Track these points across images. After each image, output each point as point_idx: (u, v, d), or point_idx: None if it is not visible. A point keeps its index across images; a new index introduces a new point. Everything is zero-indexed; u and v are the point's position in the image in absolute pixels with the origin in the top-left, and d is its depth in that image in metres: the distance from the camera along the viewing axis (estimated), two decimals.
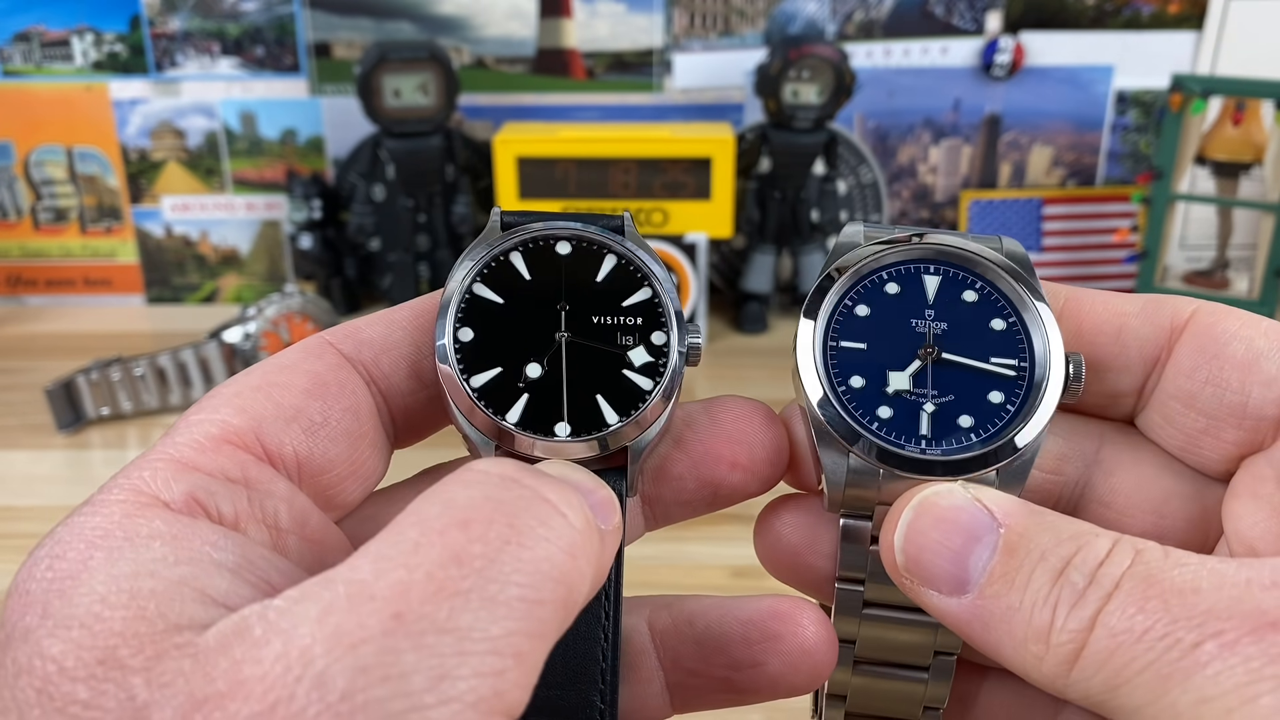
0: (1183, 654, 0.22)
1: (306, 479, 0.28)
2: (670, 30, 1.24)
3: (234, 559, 0.23)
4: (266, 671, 0.20)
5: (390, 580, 0.21)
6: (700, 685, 0.31)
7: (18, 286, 1.33)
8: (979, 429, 0.30)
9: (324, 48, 1.25)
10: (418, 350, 0.30)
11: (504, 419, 0.29)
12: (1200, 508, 0.30)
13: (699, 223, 1.16)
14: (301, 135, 1.27)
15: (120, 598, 0.21)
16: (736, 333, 1.23)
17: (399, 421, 0.31)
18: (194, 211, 1.31)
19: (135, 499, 0.24)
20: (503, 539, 0.22)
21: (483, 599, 0.21)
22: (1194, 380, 0.29)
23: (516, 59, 1.26)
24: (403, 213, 1.20)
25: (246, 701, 0.19)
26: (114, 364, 1.01)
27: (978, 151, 1.29)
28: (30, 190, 1.30)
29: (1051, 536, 0.25)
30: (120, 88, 1.26)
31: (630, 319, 0.31)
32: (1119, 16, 1.23)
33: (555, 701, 0.29)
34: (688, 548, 0.83)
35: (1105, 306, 0.31)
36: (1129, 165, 1.29)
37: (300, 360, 0.29)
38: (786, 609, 0.30)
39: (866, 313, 0.31)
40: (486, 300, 0.31)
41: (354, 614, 0.20)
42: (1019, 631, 0.25)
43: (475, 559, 0.21)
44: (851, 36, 1.25)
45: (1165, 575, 0.23)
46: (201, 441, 0.26)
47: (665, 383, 0.30)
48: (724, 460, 0.31)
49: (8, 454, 0.98)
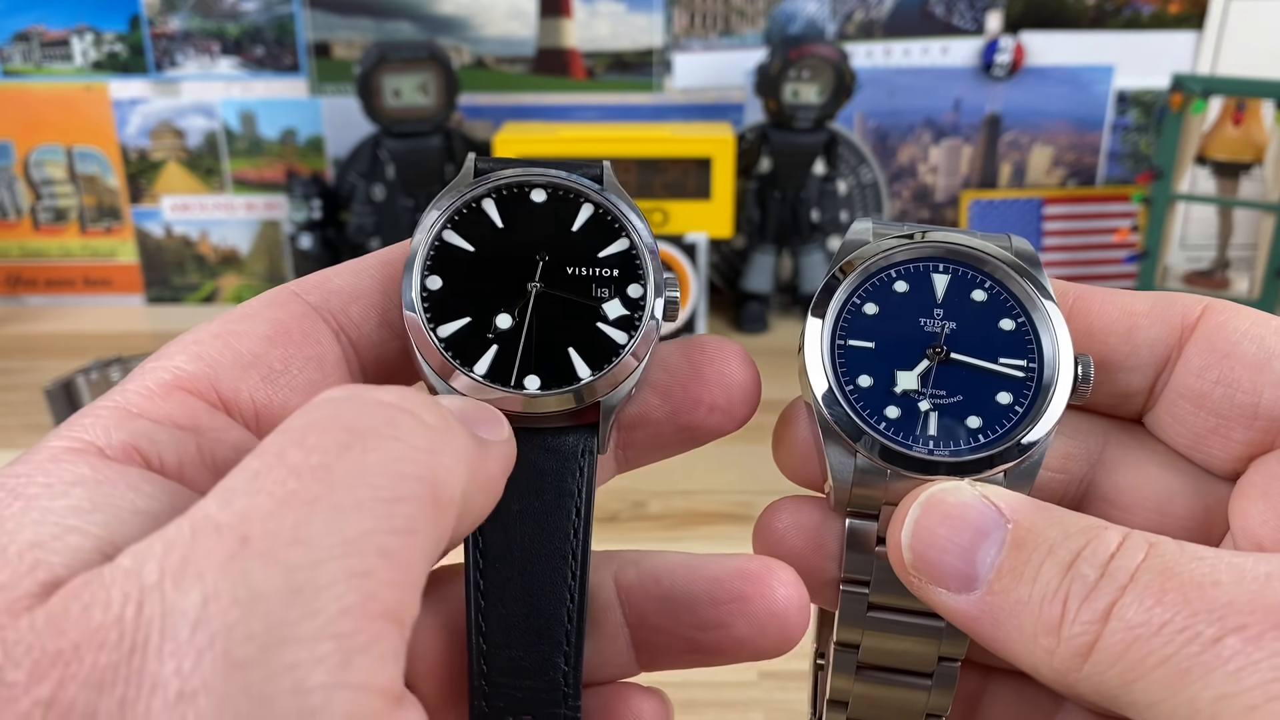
0: (1203, 648, 0.22)
1: (266, 428, 0.26)
2: (670, 30, 1.24)
3: (158, 506, 0.23)
4: (118, 615, 0.19)
5: (234, 508, 0.20)
6: (666, 644, 0.30)
7: (17, 286, 1.33)
8: (987, 430, 0.29)
9: (324, 47, 1.25)
10: (387, 299, 0.29)
11: (472, 370, 0.28)
12: (1204, 505, 0.30)
13: (699, 223, 1.16)
14: (301, 135, 1.27)
15: (17, 548, 0.20)
16: (736, 333, 1.23)
17: (370, 373, 0.30)
18: (194, 211, 1.31)
19: (69, 445, 0.23)
20: (342, 445, 0.21)
21: (330, 505, 0.20)
22: (1204, 380, 0.29)
23: (516, 59, 1.26)
24: (402, 213, 1.20)
25: (101, 650, 0.19)
26: (114, 364, 1.01)
27: (978, 151, 1.29)
28: (30, 190, 1.30)
29: (1060, 530, 0.25)
30: (120, 88, 1.26)
31: (606, 270, 0.30)
32: (1119, 16, 1.23)
33: (518, 661, 0.28)
34: (687, 547, 0.82)
35: (1115, 305, 0.30)
36: (1129, 165, 1.29)
37: (263, 308, 0.28)
38: (755, 569, 0.29)
39: (875, 311, 0.31)
40: (457, 248, 0.30)
41: (199, 545, 0.19)
42: (1029, 626, 0.24)
43: (315, 469, 0.20)
44: (852, 36, 1.24)
45: (1183, 568, 0.23)
46: (151, 388, 0.25)
47: (640, 337, 0.29)
48: (703, 404, 0.30)
49: (7, 454, 0.97)
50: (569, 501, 0.29)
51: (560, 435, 0.29)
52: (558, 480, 0.29)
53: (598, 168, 0.31)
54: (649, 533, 0.84)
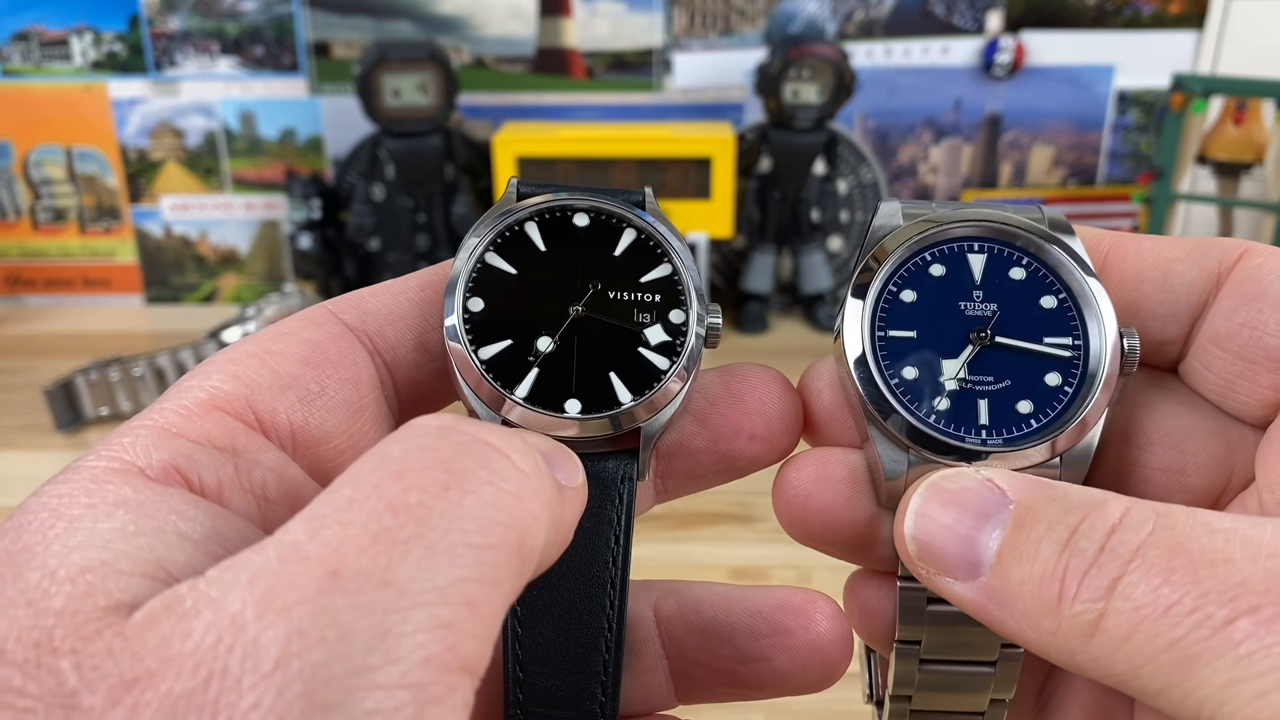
0: (1213, 631, 0.20)
1: (302, 450, 0.26)
2: (670, 30, 1.24)
3: (201, 530, 0.22)
4: (197, 644, 0.18)
5: (324, 539, 0.19)
6: (705, 677, 0.30)
7: (16, 286, 1.33)
8: (1038, 414, 0.29)
9: (323, 47, 1.25)
10: (424, 321, 0.29)
11: (513, 393, 0.28)
12: (1224, 445, 0.29)
13: (699, 222, 1.16)
14: (301, 135, 1.27)
15: (68, 571, 0.20)
16: (737, 333, 1.23)
17: (404, 396, 0.30)
18: (193, 211, 1.30)
19: (109, 465, 0.23)
20: (440, 485, 0.20)
21: (424, 548, 0.19)
22: (1231, 322, 0.28)
23: (516, 58, 1.26)
24: (402, 213, 1.20)
25: (178, 679, 0.18)
26: (113, 364, 1.01)
27: (978, 151, 1.29)
28: (29, 190, 1.29)
29: (1060, 506, 0.24)
30: (119, 87, 1.26)
31: (648, 295, 0.30)
32: (1120, 16, 1.23)
33: (555, 691, 0.28)
34: (688, 548, 0.82)
35: (1151, 252, 0.29)
36: (1130, 165, 1.29)
37: (300, 328, 0.28)
38: (799, 602, 0.29)
39: (913, 298, 0.30)
40: (499, 270, 0.30)
41: (286, 576, 0.19)
42: (1030, 607, 0.23)
43: (412, 508, 0.20)
44: (852, 36, 1.24)
45: (1193, 542, 0.22)
46: (189, 407, 0.25)
47: (682, 363, 0.29)
48: (743, 433, 0.30)
49: (6, 454, 0.97)
50: (607, 529, 0.29)
51: (600, 460, 0.29)
52: (596, 506, 0.29)
53: (640, 194, 0.31)
54: (650, 533, 0.84)
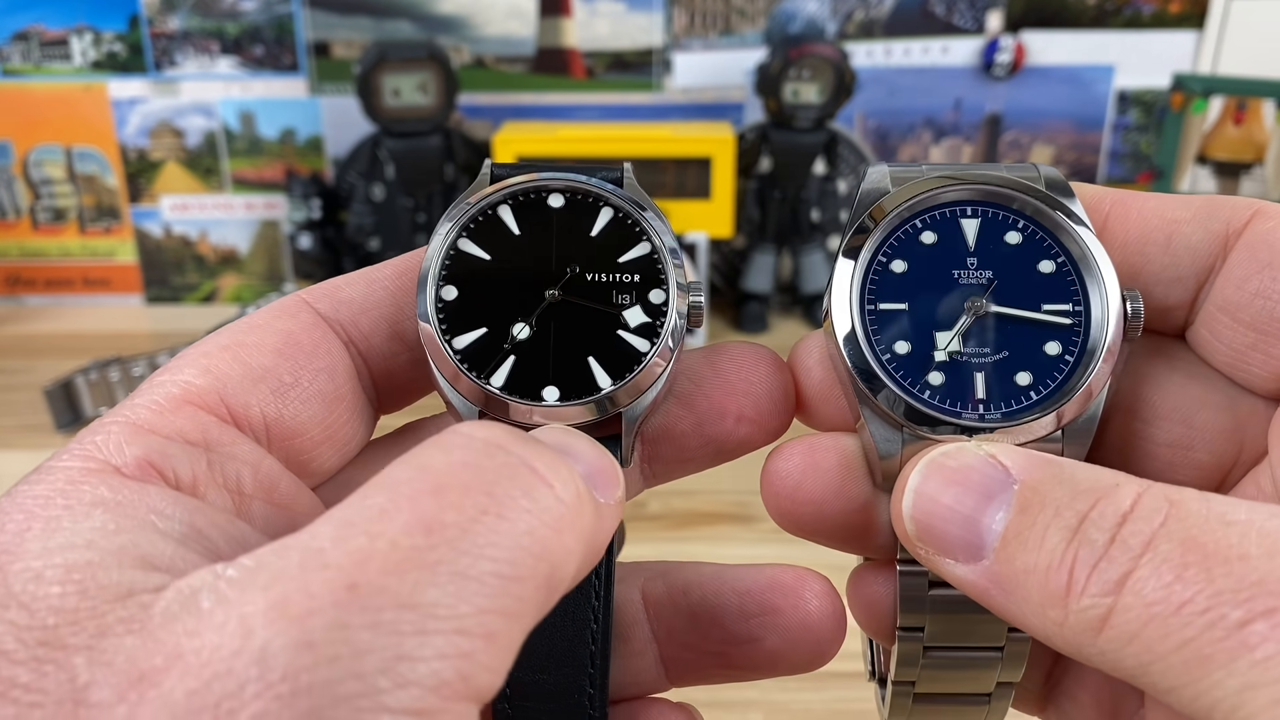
0: (1227, 633, 0.20)
1: (277, 442, 0.26)
2: (670, 29, 1.24)
3: (180, 527, 0.22)
4: (205, 644, 0.18)
5: (349, 548, 0.19)
6: (695, 660, 0.29)
7: (16, 286, 1.33)
8: (1038, 385, 0.27)
9: (323, 47, 1.25)
10: (399, 310, 0.29)
11: (488, 383, 0.27)
12: (1233, 418, 0.28)
13: (699, 222, 1.16)
14: (301, 135, 1.27)
15: (55, 573, 0.20)
16: (737, 332, 1.23)
17: (381, 385, 0.29)
18: (193, 211, 1.30)
19: (84, 464, 0.22)
20: (479, 508, 0.20)
21: (452, 573, 0.19)
22: (1243, 291, 0.26)
23: (516, 58, 1.26)
24: (402, 213, 1.20)
25: (183, 677, 0.18)
26: (113, 364, 1.01)
27: (979, 151, 1.29)
28: (29, 190, 1.29)
29: (1067, 489, 0.22)
30: (119, 87, 1.26)
31: (627, 276, 0.29)
32: (1120, 16, 1.23)
33: (543, 685, 0.27)
34: (687, 548, 0.82)
35: (1155, 213, 0.28)
36: (1130, 165, 1.29)
37: (272, 319, 0.27)
38: (788, 580, 0.28)
39: (904, 269, 0.28)
40: (472, 257, 0.29)
41: (303, 583, 0.18)
42: (1035, 596, 0.22)
43: (447, 528, 0.19)
44: (852, 36, 1.24)
45: (1207, 536, 0.21)
46: (161, 403, 0.24)
47: (662, 344, 0.28)
48: (729, 415, 0.29)
49: (6, 454, 0.97)
50: None
51: None
52: None
53: (618, 170, 0.30)
54: (649, 533, 0.84)
